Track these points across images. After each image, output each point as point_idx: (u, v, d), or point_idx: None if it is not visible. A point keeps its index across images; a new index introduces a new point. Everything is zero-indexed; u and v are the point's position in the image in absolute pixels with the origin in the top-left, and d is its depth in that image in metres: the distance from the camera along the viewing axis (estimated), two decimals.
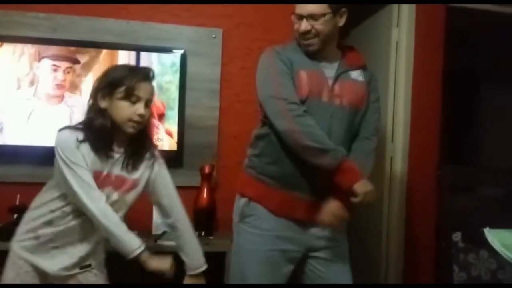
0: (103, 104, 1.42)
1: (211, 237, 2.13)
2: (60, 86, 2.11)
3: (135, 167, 1.48)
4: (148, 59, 2.18)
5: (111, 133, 1.43)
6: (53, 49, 2.11)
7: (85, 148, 1.40)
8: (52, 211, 1.44)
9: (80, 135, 1.40)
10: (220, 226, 2.27)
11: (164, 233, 2.12)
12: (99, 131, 1.41)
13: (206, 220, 2.17)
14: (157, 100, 2.19)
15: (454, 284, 2.00)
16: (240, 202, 1.65)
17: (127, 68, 1.48)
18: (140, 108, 1.42)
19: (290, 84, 1.51)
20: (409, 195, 2.37)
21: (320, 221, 1.51)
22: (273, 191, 1.57)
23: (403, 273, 2.34)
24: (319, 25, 1.52)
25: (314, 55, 1.58)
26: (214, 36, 2.31)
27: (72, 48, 2.13)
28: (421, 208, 2.38)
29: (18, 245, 1.46)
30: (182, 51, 2.23)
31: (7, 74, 2.09)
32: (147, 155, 1.52)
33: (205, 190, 2.17)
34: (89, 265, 1.50)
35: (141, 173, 1.51)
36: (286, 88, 1.50)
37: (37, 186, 2.13)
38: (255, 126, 1.74)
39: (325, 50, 1.58)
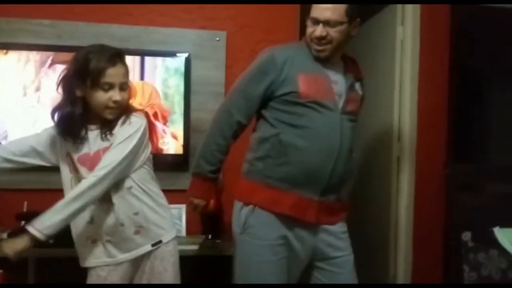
0: (78, 92, 1.41)
1: (218, 241, 2.13)
2: None
3: (110, 133, 1.45)
4: (153, 63, 2.18)
5: (79, 121, 1.42)
6: (60, 57, 2.11)
7: (60, 139, 1.45)
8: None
9: (55, 129, 1.45)
10: (227, 230, 2.26)
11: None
12: (66, 120, 1.42)
13: (213, 224, 2.17)
14: (163, 104, 2.20)
15: (462, 284, 1.98)
16: (243, 211, 1.58)
17: (94, 54, 1.40)
18: (114, 94, 1.40)
19: (248, 99, 1.57)
20: (417, 195, 2.35)
21: None
22: (283, 194, 1.53)
23: (411, 273, 2.32)
24: (334, 33, 1.52)
25: (320, 60, 1.57)
26: (218, 39, 2.31)
27: None
28: (430, 208, 2.36)
29: None
30: (186, 55, 2.23)
31: (12, 82, 2.10)
32: (122, 119, 1.46)
33: None
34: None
35: (114, 136, 1.45)
36: (240, 102, 1.58)
37: (44, 193, 2.16)
38: None
39: (333, 57, 1.58)
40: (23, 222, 2.03)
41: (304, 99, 1.51)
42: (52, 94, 2.10)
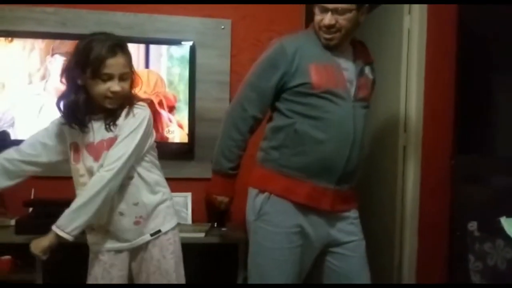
0: (80, 81, 1.41)
1: (223, 229, 2.14)
2: None
3: (114, 124, 1.45)
4: (158, 52, 2.17)
5: (84, 109, 1.42)
6: (65, 46, 2.10)
7: (67, 128, 1.46)
8: None
9: (62, 118, 1.46)
10: (232, 218, 2.28)
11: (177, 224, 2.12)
12: (71, 108, 1.42)
13: (218, 212, 2.17)
14: (168, 92, 2.19)
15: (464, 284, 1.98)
16: (258, 198, 1.57)
17: (95, 43, 1.39)
18: (113, 85, 1.39)
19: (259, 91, 1.57)
20: (423, 185, 2.34)
21: None
22: (299, 183, 1.53)
23: (416, 263, 2.33)
24: (343, 20, 1.50)
25: (330, 48, 1.56)
26: (223, 27, 2.29)
27: None
28: (435, 198, 2.35)
29: None
30: (191, 43, 2.22)
31: (18, 69, 2.10)
32: (125, 110, 1.46)
33: None
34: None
35: (119, 128, 1.45)
36: (252, 97, 1.58)
37: (51, 181, 2.17)
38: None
39: (342, 44, 1.57)
40: (30, 209, 2.05)
41: (317, 89, 1.50)
42: (57, 81, 2.11)
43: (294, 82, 1.52)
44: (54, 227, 1.37)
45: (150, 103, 2.13)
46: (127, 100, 1.46)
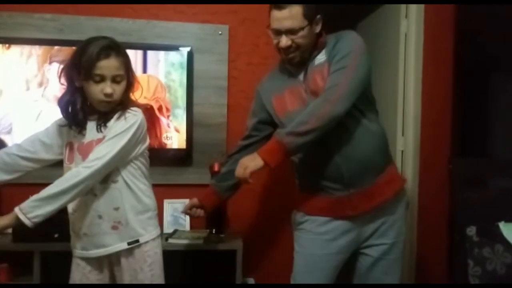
0: (77, 83, 1.43)
1: (222, 235, 2.13)
2: None
3: (105, 125, 1.46)
4: (155, 57, 2.17)
5: (81, 110, 1.45)
6: (63, 54, 2.11)
7: (66, 128, 1.50)
8: None
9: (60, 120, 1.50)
10: (230, 224, 2.27)
11: (175, 231, 2.12)
12: (69, 109, 1.46)
13: (216, 218, 2.16)
14: (166, 98, 2.19)
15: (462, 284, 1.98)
16: (297, 215, 1.68)
17: (89, 46, 1.41)
18: (105, 87, 1.40)
19: (251, 121, 1.76)
20: (421, 189, 2.34)
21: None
22: (320, 200, 1.60)
23: (416, 268, 2.32)
24: (299, 39, 1.52)
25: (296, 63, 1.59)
26: (220, 32, 2.29)
27: None
28: (434, 202, 2.35)
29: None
30: (188, 49, 2.22)
31: (15, 76, 2.10)
32: (117, 114, 1.46)
33: None
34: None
35: (108, 129, 1.46)
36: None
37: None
38: None
39: (306, 56, 1.58)
40: None
41: (281, 118, 1.63)
42: (55, 88, 2.11)
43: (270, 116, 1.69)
44: (16, 209, 1.35)
45: (150, 109, 2.14)
46: (121, 105, 1.46)
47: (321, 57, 1.57)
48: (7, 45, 2.09)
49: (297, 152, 1.53)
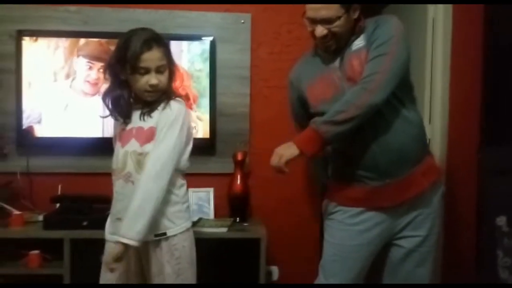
0: (122, 76, 1.48)
1: (245, 224, 2.14)
2: (93, 84, 2.17)
3: (150, 115, 1.49)
4: (179, 48, 2.18)
5: (128, 102, 1.51)
6: (89, 48, 2.15)
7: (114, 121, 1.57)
8: None
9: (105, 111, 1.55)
10: (254, 213, 2.28)
11: (199, 220, 2.14)
12: (117, 103, 1.50)
13: (240, 207, 2.18)
14: (192, 87, 2.20)
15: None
16: (330, 205, 1.65)
17: (131, 39, 1.45)
18: (151, 78, 1.45)
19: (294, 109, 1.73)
20: (448, 178, 2.28)
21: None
22: (353, 190, 1.57)
23: (443, 259, 2.28)
24: (335, 28, 1.47)
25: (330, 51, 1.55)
26: (242, 21, 2.28)
27: (103, 40, 2.16)
28: (461, 192, 2.29)
29: None
30: (211, 38, 2.22)
31: (43, 68, 2.14)
32: (162, 104, 1.49)
33: (239, 177, 2.18)
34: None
35: (155, 121, 1.48)
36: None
37: (77, 177, 2.22)
38: (285, 111, 1.75)
39: (342, 42, 1.53)
40: (57, 205, 2.10)
41: (314, 109, 1.58)
42: (82, 82, 2.16)
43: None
44: (120, 239, 1.41)
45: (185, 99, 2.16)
46: (165, 94, 1.51)
47: (359, 42, 1.52)
48: (34, 38, 2.14)
49: (333, 141, 1.50)
